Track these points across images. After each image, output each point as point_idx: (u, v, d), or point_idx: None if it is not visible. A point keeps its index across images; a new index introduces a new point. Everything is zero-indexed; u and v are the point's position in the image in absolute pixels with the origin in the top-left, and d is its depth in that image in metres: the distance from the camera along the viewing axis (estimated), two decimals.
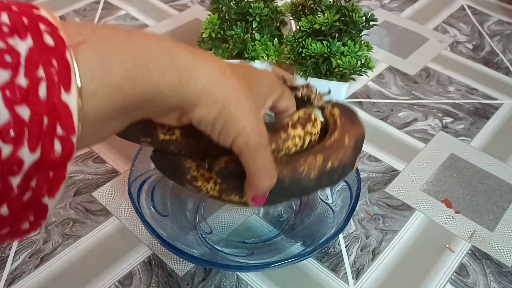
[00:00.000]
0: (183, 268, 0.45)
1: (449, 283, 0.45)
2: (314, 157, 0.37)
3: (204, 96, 0.27)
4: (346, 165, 0.39)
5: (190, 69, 0.26)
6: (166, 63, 0.25)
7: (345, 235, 0.48)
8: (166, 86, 0.25)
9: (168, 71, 0.25)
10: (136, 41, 0.24)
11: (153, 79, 0.24)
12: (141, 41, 0.25)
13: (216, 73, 0.28)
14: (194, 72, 0.27)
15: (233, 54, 0.57)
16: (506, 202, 0.53)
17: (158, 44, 0.25)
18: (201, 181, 0.38)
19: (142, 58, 0.24)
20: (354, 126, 0.41)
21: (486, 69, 0.72)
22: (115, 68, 0.23)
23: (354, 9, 0.52)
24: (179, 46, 0.27)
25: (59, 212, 0.49)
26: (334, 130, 0.41)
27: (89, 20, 0.77)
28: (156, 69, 0.25)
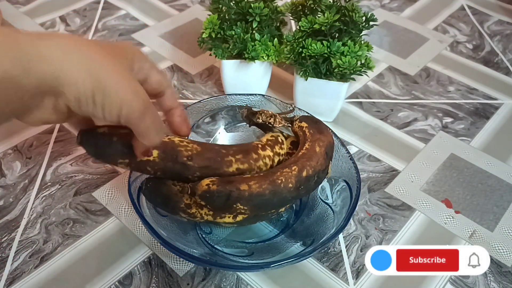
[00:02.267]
0: (183, 268, 0.45)
1: (449, 283, 0.45)
2: (289, 168, 0.40)
3: (67, 70, 0.26)
4: (320, 172, 0.42)
5: (38, 47, 0.26)
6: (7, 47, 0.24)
7: (345, 235, 0.48)
8: (14, 70, 0.25)
9: (11, 55, 0.25)
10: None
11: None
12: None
13: (72, 45, 0.27)
14: (44, 49, 0.26)
15: (233, 54, 0.57)
16: (506, 202, 0.53)
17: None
18: (195, 208, 0.40)
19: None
20: (322, 136, 0.44)
21: (486, 69, 0.72)
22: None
23: (354, 9, 0.52)
24: (20, 31, 0.26)
25: (59, 212, 0.49)
26: (305, 142, 0.44)
27: (89, 20, 0.77)
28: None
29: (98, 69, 0.28)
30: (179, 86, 0.66)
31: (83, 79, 0.27)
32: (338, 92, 0.56)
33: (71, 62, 0.27)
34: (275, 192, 0.38)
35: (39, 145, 0.56)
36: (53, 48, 0.26)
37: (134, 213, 0.48)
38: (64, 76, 0.26)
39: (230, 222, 0.40)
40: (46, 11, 0.79)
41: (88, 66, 0.27)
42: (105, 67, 0.28)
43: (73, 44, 0.27)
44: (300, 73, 0.55)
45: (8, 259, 0.45)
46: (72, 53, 0.27)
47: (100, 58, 0.28)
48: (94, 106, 0.28)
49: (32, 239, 0.46)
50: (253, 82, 0.61)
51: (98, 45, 0.29)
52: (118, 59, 0.30)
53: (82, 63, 0.27)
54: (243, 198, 0.37)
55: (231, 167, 0.40)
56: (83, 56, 0.27)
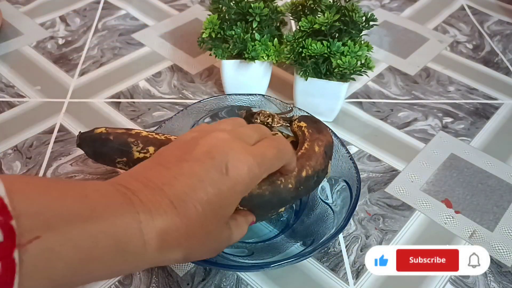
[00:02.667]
0: (183, 268, 0.45)
1: (449, 283, 0.45)
2: None
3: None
4: (319, 172, 0.41)
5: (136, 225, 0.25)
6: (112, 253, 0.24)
7: (345, 235, 0.48)
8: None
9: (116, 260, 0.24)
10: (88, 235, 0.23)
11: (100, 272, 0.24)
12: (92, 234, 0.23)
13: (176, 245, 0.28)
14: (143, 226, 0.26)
15: (233, 54, 0.57)
16: (506, 202, 0.53)
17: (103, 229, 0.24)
18: None
19: (89, 253, 0.23)
20: (321, 135, 0.44)
21: (486, 69, 0.72)
22: (59, 264, 0.21)
23: (354, 9, 0.52)
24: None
25: None
26: (304, 141, 0.44)
27: (89, 20, 0.77)
28: (105, 255, 0.24)
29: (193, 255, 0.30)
30: (179, 86, 0.66)
31: (177, 259, 0.29)
32: (338, 92, 0.56)
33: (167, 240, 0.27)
34: (275, 193, 0.38)
35: (39, 145, 0.56)
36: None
37: None
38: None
39: None
40: (46, 11, 0.79)
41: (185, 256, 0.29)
42: (197, 251, 0.30)
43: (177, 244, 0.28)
44: (300, 73, 0.55)
45: None
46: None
47: (195, 249, 0.29)
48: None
49: None
50: (253, 82, 0.61)
51: (198, 236, 0.29)
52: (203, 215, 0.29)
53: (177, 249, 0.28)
54: (243, 199, 0.37)
55: None
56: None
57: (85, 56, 0.70)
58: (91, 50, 0.71)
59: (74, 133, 0.58)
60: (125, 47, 0.72)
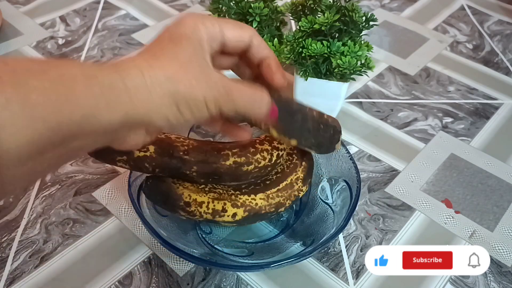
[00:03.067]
0: (183, 268, 0.45)
1: (449, 283, 0.45)
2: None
3: (152, 105, 0.26)
4: (335, 128, 0.42)
5: (117, 80, 0.25)
6: (87, 85, 0.24)
7: (345, 235, 0.48)
8: (97, 109, 0.24)
9: (91, 92, 0.24)
10: (57, 68, 0.23)
11: (80, 105, 0.23)
12: (61, 69, 0.24)
13: (144, 71, 0.27)
14: (125, 82, 0.25)
15: None
16: (506, 202, 0.53)
17: (76, 67, 0.25)
18: (194, 206, 0.40)
19: (64, 87, 0.23)
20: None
21: (486, 69, 0.72)
22: (35, 108, 0.21)
23: (354, 9, 0.52)
24: (98, 67, 0.26)
25: (59, 212, 0.49)
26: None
27: (89, 20, 0.77)
28: (82, 95, 0.23)
29: (175, 85, 0.27)
30: None
31: (168, 105, 0.27)
32: (338, 92, 0.56)
33: (154, 93, 0.26)
34: (301, 110, 0.39)
35: None
36: (132, 76, 0.26)
37: (134, 213, 0.48)
38: (150, 112, 0.26)
39: (229, 221, 0.40)
40: (46, 11, 0.79)
41: (167, 87, 0.27)
42: (179, 78, 0.28)
43: (147, 68, 0.27)
44: (300, 73, 0.55)
45: (8, 259, 0.45)
46: (150, 79, 0.26)
47: (172, 71, 0.27)
48: (185, 119, 0.28)
49: (32, 239, 0.46)
50: None
51: (164, 51, 0.29)
52: (185, 55, 0.29)
53: (162, 87, 0.27)
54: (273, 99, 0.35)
55: (228, 161, 0.41)
56: (159, 78, 0.27)
57: (85, 56, 0.70)
58: (91, 50, 0.71)
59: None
60: (125, 47, 0.72)
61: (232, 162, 0.41)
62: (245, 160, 0.41)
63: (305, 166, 0.44)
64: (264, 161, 0.43)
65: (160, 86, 0.27)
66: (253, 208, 0.41)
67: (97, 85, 0.24)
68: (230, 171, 0.41)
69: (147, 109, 0.26)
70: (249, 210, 0.41)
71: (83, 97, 0.23)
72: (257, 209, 0.41)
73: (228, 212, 0.40)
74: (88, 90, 0.24)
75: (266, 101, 0.32)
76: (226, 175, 0.41)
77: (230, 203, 0.40)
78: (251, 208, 0.41)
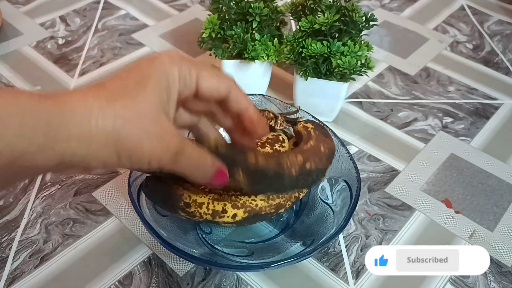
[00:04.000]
0: (183, 268, 0.45)
1: (449, 283, 0.45)
2: (295, 156, 0.40)
3: (94, 147, 0.25)
4: (320, 171, 0.42)
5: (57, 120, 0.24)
6: (20, 123, 0.23)
7: (345, 235, 0.48)
8: (27, 147, 0.23)
9: (23, 132, 0.23)
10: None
11: (9, 142, 0.22)
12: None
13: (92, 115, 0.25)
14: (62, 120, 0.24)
15: (233, 54, 0.57)
16: (506, 202, 0.53)
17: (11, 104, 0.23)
18: (194, 207, 0.39)
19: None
20: (328, 139, 0.45)
21: (486, 69, 0.72)
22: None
23: (354, 9, 0.52)
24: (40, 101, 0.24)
25: (59, 212, 0.49)
26: (309, 139, 0.44)
27: (89, 20, 0.77)
28: (9, 134, 0.22)
29: (122, 138, 0.26)
30: None
31: (108, 154, 0.26)
32: (338, 92, 0.56)
33: (96, 142, 0.25)
34: (278, 173, 0.38)
35: None
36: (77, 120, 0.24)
37: (134, 213, 0.48)
38: (87, 158, 0.25)
39: (229, 222, 0.40)
40: (46, 11, 0.79)
41: (113, 138, 0.26)
42: (128, 131, 0.26)
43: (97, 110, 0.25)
44: (300, 73, 0.55)
45: (8, 259, 0.45)
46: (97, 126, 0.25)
47: (123, 120, 0.26)
48: (123, 167, 0.28)
49: (32, 239, 0.46)
50: (253, 82, 0.61)
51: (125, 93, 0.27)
52: (146, 104, 0.27)
53: (107, 137, 0.25)
54: (245, 168, 0.36)
55: None
56: (107, 127, 0.25)
57: (85, 56, 0.70)
58: (91, 50, 0.71)
59: None
60: (125, 47, 0.72)
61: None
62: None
63: None
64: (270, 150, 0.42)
65: (105, 135, 0.25)
66: (253, 209, 0.41)
67: (31, 124, 0.23)
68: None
69: (84, 155, 0.25)
70: (249, 211, 0.41)
71: (14, 137, 0.22)
72: (257, 210, 0.41)
73: (228, 213, 0.40)
74: (20, 130, 0.22)
75: (208, 169, 0.32)
76: None
77: (230, 204, 0.40)
78: (251, 209, 0.41)
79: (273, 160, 0.38)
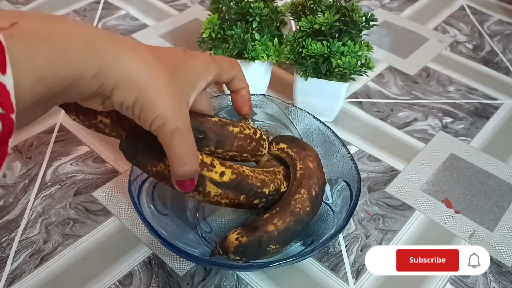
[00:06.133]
0: (183, 267, 0.45)
1: (449, 283, 0.45)
2: (299, 193, 0.41)
3: (121, 82, 0.29)
4: (323, 185, 0.44)
5: (110, 56, 0.28)
6: (85, 51, 0.27)
7: (345, 235, 0.48)
8: (86, 72, 0.27)
9: (87, 59, 0.27)
10: (58, 32, 0.26)
11: (73, 66, 0.26)
12: (63, 31, 0.26)
13: (137, 60, 0.29)
14: (114, 58, 0.28)
15: (233, 54, 0.57)
16: (506, 202, 0.53)
17: (79, 33, 0.27)
18: None
19: (62, 48, 0.25)
20: (307, 151, 0.46)
21: (486, 69, 0.72)
22: (38, 59, 0.24)
23: (354, 9, 0.52)
24: (103, 34, 0.28)
25: (59, 212, 0.49)
26: (294, 162, 0.45)
27: (89, 20, 0.77)
28: (76, 58, 0.26)
29: (149, 85, 0.30)
30: None
31: (131, 90, 0.29)
32: (338, 92, 0.56)
33: (134, 76, 0.29)
34: (298, 221, 0.40)
35: (39, 145, 0.56)
36: (128, 57, 0.29)
37: (134, 213, 0.48)
38: (122, 84, 0.29)
39: (216, 181, 0.38)
40: (46, 11, 0.79)
41: (143, 84, 0.29)
42: (156, 85, 0.30)
43: (140, 58, 0.30)
44: (300, 73, 0.55)
45: (8, 259, 0.45)
46: (138, 68, 0.29)
47: (157, 79, 0.30)
48: (132, 114, 0.31)
49: (32, 239, 0.46)
50: (253, 82, 0.61)
51: (165, 62, 0.32)
52: (180, 81, 0.33)
53: (138, 80, 0.29)
54: (273, 239, 0.38)
55: (214, 118, 0.41)
56: (144, 73, 0.30)
57: None
58: None
59: (74, 133, 0.58)
60: None
61: (218, 119, 0.40)
62: (230, 121, 0.41)
63: (283, 168, 0.45)
64: (249, 130, 0.42)
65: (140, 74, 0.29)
66: (240, 173, 0.40)
67: (91, 54, 0.27)
68: (216, 128, 0.40)
69: (119, 81, 0.29)
70: (237, 174, 0.39)
71: (80, 63, 0.26)
72: (244, 176, 0.40)
73: (217, 168, 0.38)
74: (86, 56, 0.27)
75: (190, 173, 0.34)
76: (211, 133, 0.40)
77: (219, 162, 0.39)
78: (239, 173, 0.40)
79: (287, 214, 0.40)
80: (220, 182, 0.38)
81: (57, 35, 0.25)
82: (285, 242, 0.40)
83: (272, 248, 0.39)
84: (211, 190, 0.38)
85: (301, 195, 0.41)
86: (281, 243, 0.40)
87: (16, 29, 0.23)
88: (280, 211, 0.40)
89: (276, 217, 0.39)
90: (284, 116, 0.51)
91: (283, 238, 0.39)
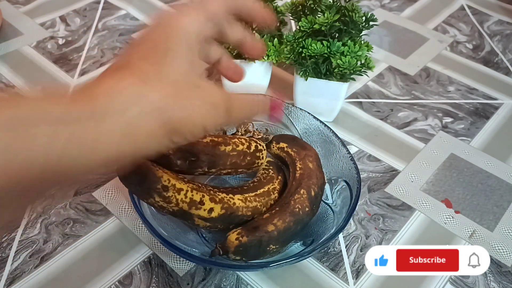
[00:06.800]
0: (183, 267, 0.45)
1: (449, 283, 0.45)
2: (298, 194, 0.42)
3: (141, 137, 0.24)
4: (322, 186, 0.44)
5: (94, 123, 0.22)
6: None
7: (345, 235, 0.48)
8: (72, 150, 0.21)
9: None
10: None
11: (38, 154, 0.21)
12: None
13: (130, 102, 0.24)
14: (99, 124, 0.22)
15: (233, 54, 0.57)
16: (506, 202, 0.53)
17: (44, 115, 0.21)
18: (172, 191, 0.38)
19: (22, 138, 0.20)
20: (307, 151, 0.46)
21: (486, 69, 0.72)
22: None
23: (354, 9, 0.52)
24: (68, 104, 0.22)
25: (59, 212, 0.49)
26: (294, 161, 0.45)
27: (89, 20, 0.77)
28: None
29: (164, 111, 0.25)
30: None
31: (158, 135, 0.24)
32: (338, 92, 0.56)
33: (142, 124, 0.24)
34: (298, 221, 0.40)
35: None
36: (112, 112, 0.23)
37: (134, 213, 0.48)
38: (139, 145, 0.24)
39: (204, 218, 0.39)
40: (46, 11, 0.79)
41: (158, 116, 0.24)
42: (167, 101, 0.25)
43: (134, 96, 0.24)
44: (300, 73, 0.55)
45: (8, 259, 0.45)
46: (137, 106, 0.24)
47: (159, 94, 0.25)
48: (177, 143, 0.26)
49: (32, 239, 0.46)
50: (253, 82, 0.61)
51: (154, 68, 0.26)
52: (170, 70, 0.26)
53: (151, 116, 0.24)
54: (273, 239, 0.39)
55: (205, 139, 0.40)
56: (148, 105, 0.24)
57: (85, 56, 0.70)
58: (91, 50, 0.71)
59: None
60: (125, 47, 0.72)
61: (209, 140, 0.40)
62: (222, 140, 0.41)
63: (280, 180, 0.45)
64: (242, 146, 0.42)
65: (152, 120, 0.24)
66: (230, 207, 0.40)
67: (64, 132, 0.21)
68: (207, 149, 0.40)
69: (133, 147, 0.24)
70: (227, 208, 0.40)
71: (45, 147, 0.21)
72: (234, 208, 0.40)
73: (206, 205, 0.39)
74: (52, 140, 0.21)
75: (263, 103, 0.31)
76: (204, 154, 0.40)
77: (209, 197, 0.39)
78: (228, 206, 0.40)
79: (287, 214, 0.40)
80: (208, 218, 0.39)
81: (9, 113, 0.21)
82: (285, 242, 0.40)
83: (272, 248, 0.39)
84: (200, 224, 0.40)
85: (300, 195, 0.41)
86: (281, 243, 0.40)
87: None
88: (280, 211, 0.41)
89: (276, 217, 0.40)
90: (284, 116, 0.51)
91: (283, 238, 0.39)
